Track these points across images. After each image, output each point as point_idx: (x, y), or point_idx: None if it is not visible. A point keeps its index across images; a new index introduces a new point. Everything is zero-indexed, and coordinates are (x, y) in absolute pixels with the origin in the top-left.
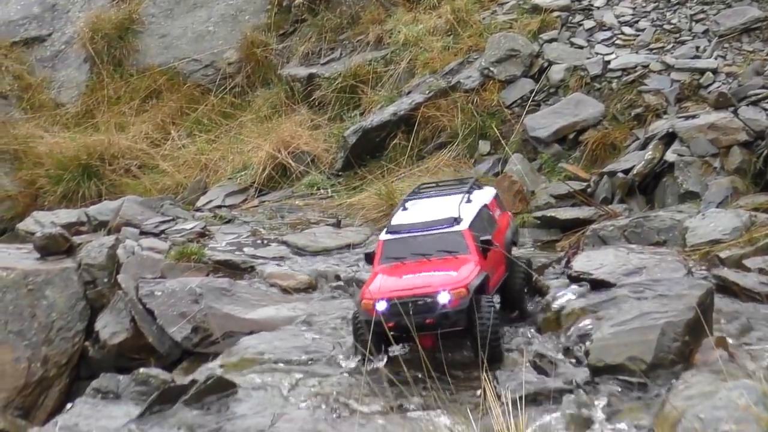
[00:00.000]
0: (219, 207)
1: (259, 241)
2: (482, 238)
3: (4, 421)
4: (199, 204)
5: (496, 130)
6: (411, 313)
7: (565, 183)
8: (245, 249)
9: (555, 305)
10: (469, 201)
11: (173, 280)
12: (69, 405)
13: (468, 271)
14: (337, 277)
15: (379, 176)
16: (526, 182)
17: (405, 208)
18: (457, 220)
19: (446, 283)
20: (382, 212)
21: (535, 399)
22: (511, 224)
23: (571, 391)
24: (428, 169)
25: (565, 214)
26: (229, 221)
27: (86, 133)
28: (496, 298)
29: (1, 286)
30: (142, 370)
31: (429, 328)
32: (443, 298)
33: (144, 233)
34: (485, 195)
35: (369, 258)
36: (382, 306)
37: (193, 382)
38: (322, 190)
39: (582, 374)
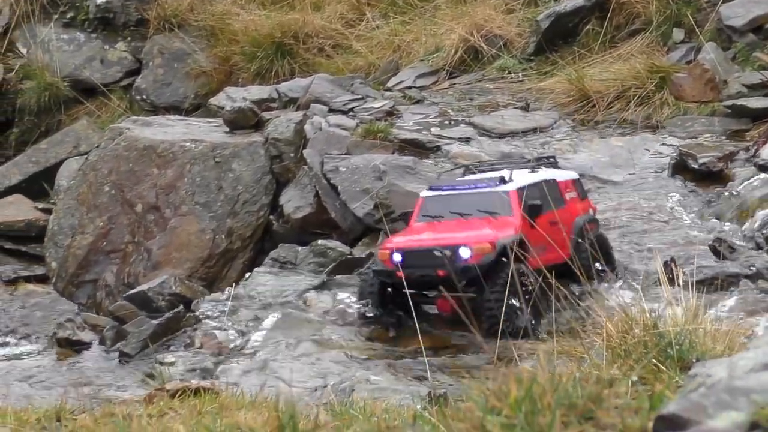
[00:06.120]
0: (409, 88)
1: (446, 122)
2: (531, 203)
3: (182, 286)
4: (389, 84)
5: (690, 18)
6: (424, 265)
7: (758, 72)
8: (432, 129)
9: (739, 193)
10: (533, 171)
11: (358, 156)
12: (248, 274)
13: (500, 230)
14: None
15: (570, 62)
16: (719, 71)
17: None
18: (504, 181)
19: (470, 237)
20: (571, 97)
21: (712, 283)
22: (589, 213)
23: (748, 276)
24: (620, 56)
25: (756, 103)
26: (418, 102)
27: (281, 12)
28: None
29: (189, 158)
30: (320, 241)
31: (442, 283)
32: (464, 252)
33: (332, 110)
34: (560, 174)
35: (405, 217)
36: (398, 257)
37: (371, 254)
38: (512, 74)
39: (761, 260)
